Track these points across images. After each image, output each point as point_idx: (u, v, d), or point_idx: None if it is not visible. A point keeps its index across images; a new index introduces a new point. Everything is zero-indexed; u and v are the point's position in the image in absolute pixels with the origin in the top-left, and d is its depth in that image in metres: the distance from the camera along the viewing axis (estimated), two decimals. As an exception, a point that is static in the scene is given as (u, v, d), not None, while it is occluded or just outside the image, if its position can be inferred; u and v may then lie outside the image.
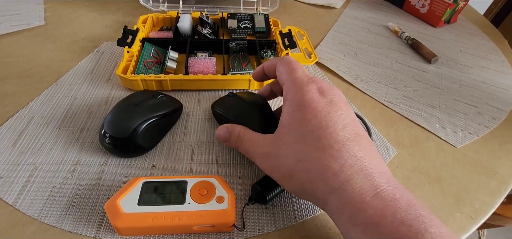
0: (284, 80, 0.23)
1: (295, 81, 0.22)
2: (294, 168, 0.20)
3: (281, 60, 0.24)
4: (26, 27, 0.43)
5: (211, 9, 0.47)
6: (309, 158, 0.19)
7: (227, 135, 0.25)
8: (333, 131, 0.19)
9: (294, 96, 0.21)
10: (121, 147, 0.26)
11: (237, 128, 0.25)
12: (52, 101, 0.32)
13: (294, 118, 0.20)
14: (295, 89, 0.21)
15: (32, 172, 0.25)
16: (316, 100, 0.20)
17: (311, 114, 0.20)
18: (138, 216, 0.21)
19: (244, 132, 0.24)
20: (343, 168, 0.18)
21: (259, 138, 0.23)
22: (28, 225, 0.22)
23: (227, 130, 0.26)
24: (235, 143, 0.25)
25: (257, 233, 0.23)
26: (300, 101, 0.20)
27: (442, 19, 0.52)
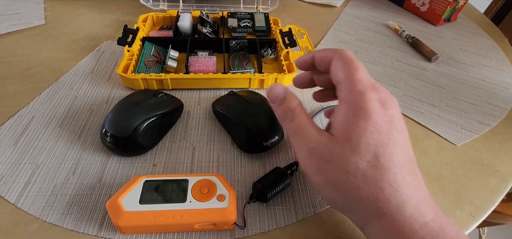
0: (342, 78, 0.20)
1: (357, 84, 0.19)
2: (344, 181, 0.18)
3: (340, 54, 0.21)
4: (26, 27, 0.43)
5: (211, 8, 0.47)
6: (363, 174, 0.18)
7: (281, 96, 0.22)
8: (392, 152, 0.18)
9: (355, 101, 0.19)
10: (122, 146, 0.26)
11: (296, 100, 0.22)
12: (53, 101, 0.32)
13: (354, 126, 0.18)
14: (357, 93, 0.19)
15: (33, 171, 0.26)
16: (379, 112, 0.18)
17: (373, 128, 0.18)
18: (140, 215, 0.21)
19: (300, 109, 0.21)
20: (396, 194, 0.17)
21: (313, 127, 0.20)
22: (30, 224, 0.22)
23: (284, 92, 0.22)
24: (285, 113, 0.22)
25: (258, 231, 0.23)
26: (362, 108, 0.18)
27: (442, 17, 0.52)
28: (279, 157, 0.28)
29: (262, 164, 0.28)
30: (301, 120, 0.21)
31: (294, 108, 0.22)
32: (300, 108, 0.22)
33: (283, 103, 0.22)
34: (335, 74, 0.21)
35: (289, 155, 0.29)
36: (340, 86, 0.21)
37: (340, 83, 0.21)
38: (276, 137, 0.28)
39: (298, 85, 0.27)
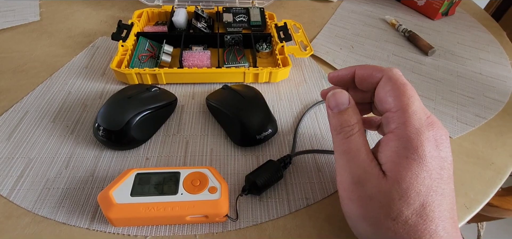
0: (393, 107, 0.18)
1: (413, 118, 0.18)
2: (382, 222, 0.17)
3: (390, 76, 0.19)
4: (21, 23, 0.43)
5: (207, 3, 0.46)
6: (405, 221, 0.17)
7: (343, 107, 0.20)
8: (440, 202, 0.17)
9: (410, 138, 0.17)
10: (114, 140, 0.26)
11: (357, 116, 0.20)
12: (46, 96, 0.32)
13: (407, 169, 0.17)
14: (413, 130, 0.17)
15: (26, 165, 0.25)
16: (433, 156, 0.17)
17: (426, 173, 0.17)
18: (131, 207, 0.21)
19: (359, 128, 0.19)
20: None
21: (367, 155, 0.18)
22: (22, 217, 0.22)
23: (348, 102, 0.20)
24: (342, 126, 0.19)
25: (251, 223, 0.23)
26: (417, 150, 0.17)
27: (439, 11, 0.52)
28: (272, 150, 0.28)
29: (256, 157, 0.28)
30: (357, 142, 0.19)
31: (354, 125, 0.19)
32: (359, 127, 0.19)
33: (342, 115, 0.20)
34: (383, 99, 0.19)
35: (282, 148, 0.29)
36: (390, 115, 0.19)
37: (391, 112, 0.18)
38: (270, 130, 0.28)
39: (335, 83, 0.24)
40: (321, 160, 0.28)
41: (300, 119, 0.31)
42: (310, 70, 0.39)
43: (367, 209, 0.18)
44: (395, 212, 0.17)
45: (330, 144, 0.29)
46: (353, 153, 0.19)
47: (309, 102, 0.34)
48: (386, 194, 0.17)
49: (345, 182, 0.19)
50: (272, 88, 0.35)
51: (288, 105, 0.33)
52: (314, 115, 0.32)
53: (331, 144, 0.29)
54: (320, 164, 0.27)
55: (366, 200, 0.18)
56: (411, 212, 0.17)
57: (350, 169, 0.19)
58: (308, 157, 0.28)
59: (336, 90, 0.20)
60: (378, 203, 0.17)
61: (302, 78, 0.37)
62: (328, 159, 0.28)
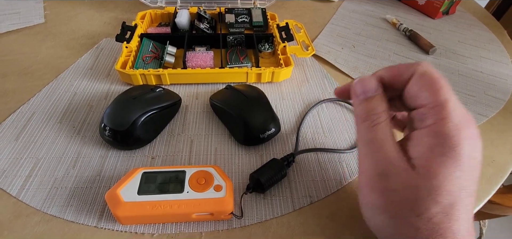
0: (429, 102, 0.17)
1: (452, 115, 0.17)
2: (405, 216, 0.17)
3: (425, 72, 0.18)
4: (26, 25, 0.44)
5: (209, 4, 0.47)
6: (429, 219, 0.16)
7: (371, 93, 0.19)
8: (468, 202, 0.17)
9: (447, 136, 0.16)
10: (120, 140, 0.26)
11: (384, 104, 0.19)
12: (52, 97, 0.33)
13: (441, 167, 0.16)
14: (452, 128, 0.16)
15: (34, 165, 0.26)
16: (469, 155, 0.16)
17: (460, 172, 0.16)
18: (138, 205, 0.21)
19: (386, 117, 0.18)
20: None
21: (394, 147, 0.18)
22: (32, 216, 0.23)
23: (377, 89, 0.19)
24: (368, 114, 0.18)
25: (255, 221, 0.23)
26: (454, 149, 0.16)
27: (440, 10, 0.52)
28: (276, 149, 0.29)
29: (259, 155, 0.28)
30: (384, 131, 0.18)
31: (381, 113, 0.18)
32: (386, 116, 0.18)
33: (369, 102, 0.19)
34: (417, 95, 0.18)
35: (285, 147, 0.29)
36: (426, 111, 0.18)
37: (427, 108, 0.17)
38: (273, 129, 0.28)
39: (339, 95, 0.23)
40: (323, 158, 0.28)
41: (303, 118, 0.32)
42: (312, 70, 0.39)
43: (390, 202, 0.17)
44: (421, 208, 0.16)
45: (332, 142, 0.30)
46: (379, 142, 0.18)
47: (311, 101, 0.34)
48: (414, 189, 0.16)
49: (368, 172, 0.18)
50: (274, 88, 0.36)
51: (291, 105, 0.34)
52: (317, 114, 0.33)
53: (335, 142, 0.30)
54: (322, 162, 0.28)
55: (390, 193, 0.17)
56: (438, 210, 0.16)
57: (375, 159, 0.18)
58: (311, 156, 0.28)
59: (363, 77, 0.19)
60: (403, 197, 0.17)
61: (304, 78, 0.38)
62: (330, 158, 0.28)
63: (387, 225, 0.18)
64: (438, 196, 0.16)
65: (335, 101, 0.35)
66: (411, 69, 0.19)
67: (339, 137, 0.30)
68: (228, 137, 0.30)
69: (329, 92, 0.36)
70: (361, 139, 0.19)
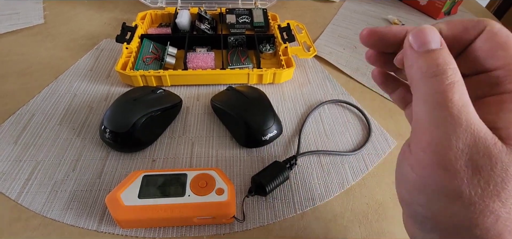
0: (505, 63, 0.14)
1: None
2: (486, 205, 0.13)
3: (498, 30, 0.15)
4: (25, 26, 0.43)
5: (210, 5, 0.46)
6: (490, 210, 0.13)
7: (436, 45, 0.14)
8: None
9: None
10: (121, 142, 0.26)
11: (454, 63, 0.14)
12: (52, 99, 0.32)
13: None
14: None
15: (34, 168, 0.26)
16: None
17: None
18: (139, 209, 0.21)
19: (459, 76, 0.14)
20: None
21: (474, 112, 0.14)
22: (31, 220, 0.23)
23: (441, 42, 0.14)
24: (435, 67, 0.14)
25: (257, 224, 0.23)
26: None
27: (442, 10, 0.52)
28: (278, 151, 0.28)
29: (261, 158, 0.28)
30: (463, 92, 0.14)
31: (455, 68, 0.14)
32: (458, 74, 0.14)
33: (437, 54, 0.14)
34: (490, 55, 0.15)
35: (287, 149, 0.29)
36: (503, 74, 0.15)
37: (504, 69, 0.15)
38: (275, 131, 0.28)
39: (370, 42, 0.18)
40: (326, 161, 0.28)
41: (305, 120, 0.31)
42: (314, 71, 0.39)
43: (468, 185, 0.13)
44: (509, 192, 0.13)
45: (334, 144, 0.30)
46: (457, 107, 0.13)
47: (313, 103, 0.34)
48: (504, 168, 0.13)
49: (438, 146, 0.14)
50: (276, 89, 0.35)
51: (292, 106, 0.33)
52: (319, 116, 0.33)
53: (337, 144, 0.29)
54: (325, 164, 0.28)
55: (470, 173, 0.13)
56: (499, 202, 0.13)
57: (453, 127, 0.13)
58: (313, 158, 0.28)
59: (423, 26, 0.15)
60: (487, 179, 0.13)
61: (306, 79, 0.37)
62: (333, 160, 0.28)
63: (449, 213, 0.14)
64: None
65: (337, 103, 0.34)
66: (480, 25, 0.15)
67: (341, 138, 0.30)
68: (229, 139, 0.29)
69: (331, 93, 0.35)
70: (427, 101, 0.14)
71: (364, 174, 0.27)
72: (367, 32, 0.17)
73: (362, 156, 0.29)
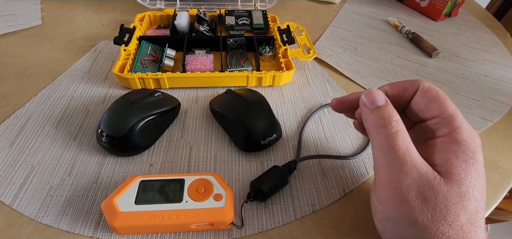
0: (441, 113, 0.18)
1: (465, 124, 0.18)
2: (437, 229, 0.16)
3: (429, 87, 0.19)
4: (22, 27, 0.43)
5: (209, 6, 0.46)
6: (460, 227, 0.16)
7: (381, 103, 0.19)
8: (483, 206, 0.17)
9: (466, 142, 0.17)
10: (118, 146, 0.26)
11: (397, 114, 0.18)
12: (49, 101, 0.32)
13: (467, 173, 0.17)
14: (468, 134, 0.17)
15: (29, 172, 0.25)
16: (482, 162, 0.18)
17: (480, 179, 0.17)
18: (135, 215, 0.20)
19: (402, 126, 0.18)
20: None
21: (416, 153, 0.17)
22: (25, 226, 0.22)
23: (386, 99, 0.19)
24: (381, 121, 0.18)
25: (256, 231, 0.23)
26: (475, 156, 0.17)
27: (442, 12, 0.52)
28: (277, 155, 0.28)
29: (260, 162, 0.27)
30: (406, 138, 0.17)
31: (396, 121, 0.18)
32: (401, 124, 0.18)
33: (383, 109, 0.18)
34: (426, 107, 0.19)
35: (286, 153, 0.28)
36: (439, 121, 0.19)
37: (440, 118, 0.18)
38: (274, 135, 0.28)
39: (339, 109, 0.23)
40: (326, 165, 0.27)
41: (305, 123, 0.31)
42: (314, 73, 0.39)
43: (420, 212, 0.16)
44: (452, 216, 0.16)
45: (335, 148, 0.29)
46: (402, 150, 0.17)
47: (313, 106, 0.34)
48: (444, 197, 0.16)
49: (394, 184, 0.17)
50: (275, 92, 0.35)
51: (292, 109, 0.33)
52: (319, 119, 0.32)
53: (337, 148, 0.29)
54: (325, 169, 0.27)
55: (420, 203, 0.16)
56: (467, 217, 0.16)
57: (399, 167, 0.17)
58: (313, 162, 0.28)
59: (371, 89, 0.20)
60: (434, 206, 0.16)
61: (306, 81, 0.37)
62: (333, 164, 0.28)
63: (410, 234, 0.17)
64: (466, 202, 0.16)
65: (337, 105, 0.34)
66: (415, 85, 0.20)
67: (342, 142, 0.30)
68: (228, 143, 0.29)
69: (331, 96, 0.35)
70: (380, 147, 0.18)
71: (364, 179, 0.27)
72: (335, 102, 0.23)
73: (363, 160, 0.28)
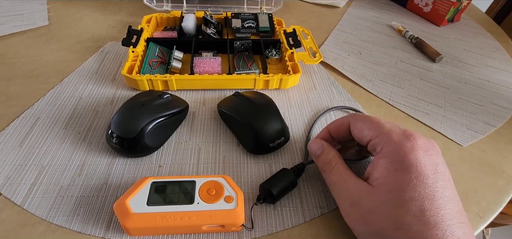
0: (371, 135, 0.21)
1: (391, 135, 0.20)
2: (389, 234, 0.18)
3: (356, 116, 0.23)
4: (30, 28, 0.43)
5: (215, 9, 0.46)
6: (409, 229, 0.17)
7: (319, 151, 0.24)
8: (440, 205, 0.17)
9: (394, 151, 0.19)
10: (128, 147, 0.26)
11: (332, 152, 0.23)
12: (57, 102, 0.32)
13: (396, 179, 0.18)
14: (394, 144, 0.19)
15: (39, 172, 0.25)
16: (422, 162, 0.18)
17: (417, 180, 0.18)
18: (148, 216, 0.21)
19: (337, 160, 0.22)
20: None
21: (351, 178, 0.21)
22: (37, 226, 0.22)
23: (322, 146, 0.24)
24: (323, 166, 0.23)
25: (266, 233, 0.23)
26: (403, 159, 0.19)
27: (445, 18, 0.52)
28: (285, 158, 0.28)
29: (269, 165, 0.28)
30: (339, 171, 0.22)
31: (331, 160, 0.23)
32: (337, 159, 0.23)
33: (320, 157, 0.24)
34: (361, 134, 0.22)
35: (294, 156, 0.29)
36: (373, 142, 0.21)
37: (372, 139, 0.21)
38: (282, 137, 0.28)
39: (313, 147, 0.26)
40: (333, 168, 0.28)
41: (311, 126, 0.31)
42: (319, 77, 0.39)
43: (371, 224, 0.19)
44: (398, 220, 0.18)
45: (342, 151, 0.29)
46: (340, 180, 0.21)
47: (319, 109, 0.34)
48: (383, 205, 0.18)
49: (345, 207, 0.21)
50: (282, 95, 0.35)
51: (299, 112, 0.33)
52: (325, 122, 0.33)
53: (343, 152, 0.29)
54: (333, 172, 0.27)
55: (367, 215, 0.19)
56: (412, 218, 0.17)
57: (343, 194, 0.21)
58: (321, 165, 0.28)
59: (310, 142, 0.25)
60: (379, 215, 0.18)
61: (312, 84, 0.37)
62: (340, 167, 0.28)
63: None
64: (404, 204, 0.18)
65: (343, 109, 0.34)
66: (346, 119, 0.24)
67: (348, 146, 0.30)
68: (236, 145, 0.29)
69: (337, 100, 0.35)
70: (328, 184, 0.23)
71: (371, 182, 0.27)
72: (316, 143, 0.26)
73: (367, 164, 0.28)
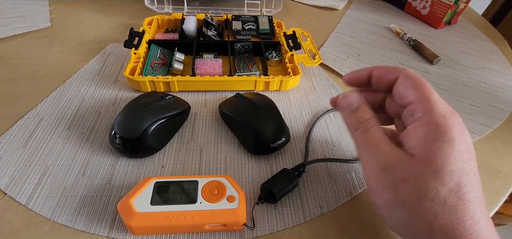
0: (416, 98, 0.20)
1: (437, 106, 0.19)
2: (419, 204, 0.17)
3: (407, 73, 0.21)
4: (32, 29, 0.43)
5: (215, 11, 0.47)
6: (443, 202, 0.17)
7: (355, 105, 0.22)
8: (472, 184, 0.17)
9: (437, 123, 0.18)
10: (131, 148, 0.26)
11: (370, 112, 0.21)
12: (60, 103, 0.32)
13: (438, 150, 0.17)
14: (439, 115, 0.18)
15: (43, 172, 0.26)
16: (461, 139, 0.18)
17: (457, 154, 0.17)
18: (151, 216, 0.21)
19: (375, 122, 0.21)
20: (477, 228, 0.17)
21: (388, 143, 0.19)
22: (42, 225, 0.23)
23: (361, 101, 0.22)
24: (358, 122, 0.21)
25: (267, 232, 0.23)
26: (446, 133, 0.18)
27: (443, 20, 0.53)
28: (285, 158, 0.29)
29: (269, 165, 0.28)
30: (376, 132, 0.20)
31: (369, 119, 0.21)
32: (375, 121, 0.21)
33: (357, 112, 0.21)
34: (404, 94, 0.20)
35: (294, 156, 0.29)
36: (414, 107, 0.20)
37: (414, 103, 0.20)
38: (283, 138, 0.28)
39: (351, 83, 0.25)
40: (334, 168, 0.28)
41: (311, 127, 0.32)
42: (319, 78, 0.39)
43: (402, 193, 0.18)
44: (432, 191, 0.17)
45: (341, 151, 0.30)
46: (375, 143, 0.20)
47: (319, 110, 0.34)
48: (419, 175, 0.17)
49: (372, 171, 0.19)
50: (282, 96, 0.36)
51: (299, 114, 0.34)
52: (325, 123, 0.33)
53: (343, 152, 0.30)
54: (333, 172, 0.28)
55: (399, 184, 0.18)
56: (448, 191, 0.17)
57: (376, 158, 0.19)
58: (321, 165, 0.28)
59: (346, 92, 0.22)
60: (412, 185, 0.18)
61: (311, 86, 0.38)
62: (340, 168, 0.28)
63: (407, 219, 0.18)
64: (442, 177, 0.17)
65: (343, 110, 0.35)
66: (396, 72, 0.22)
67: (348, 146, 0.31)
68: (237, 146, 0.30)
69: (337, 101, 0.36)
70: (358, 145, 0.21)
71: (370, 182, 0.27)
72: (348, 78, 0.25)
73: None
